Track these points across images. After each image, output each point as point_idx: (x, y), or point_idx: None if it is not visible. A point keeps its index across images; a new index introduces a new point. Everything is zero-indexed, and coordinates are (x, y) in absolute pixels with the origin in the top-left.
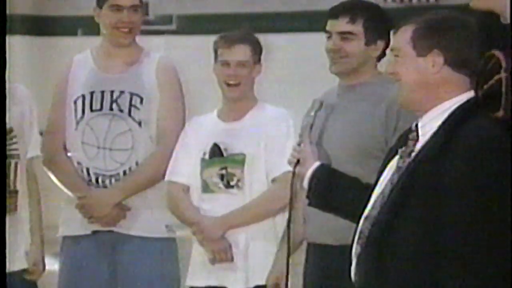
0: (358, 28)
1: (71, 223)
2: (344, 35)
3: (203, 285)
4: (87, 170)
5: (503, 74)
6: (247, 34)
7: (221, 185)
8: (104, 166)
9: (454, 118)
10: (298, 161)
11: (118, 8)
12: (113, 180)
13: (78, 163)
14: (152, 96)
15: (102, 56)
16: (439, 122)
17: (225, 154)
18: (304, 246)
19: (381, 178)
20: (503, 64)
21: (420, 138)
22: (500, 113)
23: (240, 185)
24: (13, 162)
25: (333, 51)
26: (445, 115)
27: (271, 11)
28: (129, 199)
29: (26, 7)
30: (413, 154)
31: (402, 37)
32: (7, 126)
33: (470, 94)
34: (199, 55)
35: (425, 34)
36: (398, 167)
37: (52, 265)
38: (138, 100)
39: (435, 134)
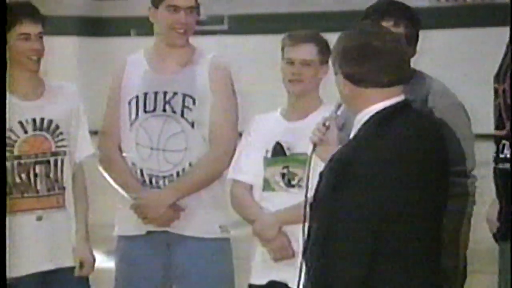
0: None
1: (126, 223)
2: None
3: (265, 281)
4: (141, 171)
5: None
6: (314, 33)
7: (282, 183)
8: (157, 167)
9: (363, 129)
10: (314, 144)
11: (175, 8)
12: (166, 181)
13: (132, 163)
14: (204, 96)
15: (155, 57)
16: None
17: (287, 153)
18: None
19: None
20: None
21: None
22: None
23: (301, 184)
24: (59, 159)
25: None
26: (358, 126)
27: (323, 10)
28: (183, 199)
29: (80, 8)
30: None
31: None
32: (54, 123)
33: (379, 106)
34: (251, 55)
35: (332, 56)
36: None
37: (107, 262)
38: (191, 101)
39: (349, 141)
